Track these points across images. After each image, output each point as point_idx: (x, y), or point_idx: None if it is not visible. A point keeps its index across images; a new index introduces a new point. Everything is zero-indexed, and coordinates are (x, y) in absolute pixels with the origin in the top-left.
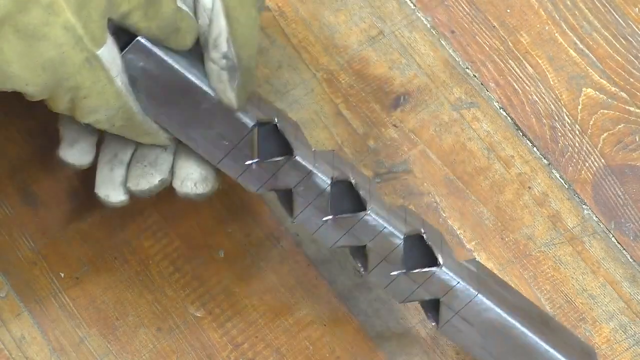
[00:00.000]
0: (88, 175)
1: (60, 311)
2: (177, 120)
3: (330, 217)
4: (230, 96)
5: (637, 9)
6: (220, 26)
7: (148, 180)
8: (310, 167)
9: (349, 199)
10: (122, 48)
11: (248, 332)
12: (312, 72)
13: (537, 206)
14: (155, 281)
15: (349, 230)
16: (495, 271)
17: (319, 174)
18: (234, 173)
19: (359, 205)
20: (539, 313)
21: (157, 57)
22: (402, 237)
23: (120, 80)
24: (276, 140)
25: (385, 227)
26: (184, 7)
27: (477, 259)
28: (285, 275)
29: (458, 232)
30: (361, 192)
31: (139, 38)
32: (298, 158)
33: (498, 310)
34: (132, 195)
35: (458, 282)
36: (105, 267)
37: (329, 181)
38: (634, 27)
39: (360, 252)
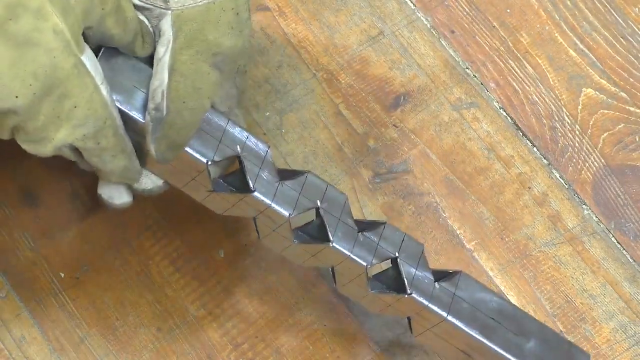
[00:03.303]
0: (88, 175)
1: (60, 311)
2: None
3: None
4: (149, 147)
5: (637, 9)
6: (162, 78)
7: (152, 179)
8: (268, 201)
9: (316, 227)
10: None
11: (248, 332)
12: (312, 72)
13: (537, 206)
14: (155, 281)
15: (315, 255)
16: (495, 271)
17: (278, 208)
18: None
19: (325, 234)
20: (527, 322)
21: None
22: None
23: (104, 89)
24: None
25: (350, 255)
26: (140, 15)
27: (477, 256)
28: (285, 275)
29: (458, 232)
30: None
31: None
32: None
33: (467, 330)
34: (136, 194)
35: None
36: (105, 267)
37: (287, 214)
38: (634, 27)
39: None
